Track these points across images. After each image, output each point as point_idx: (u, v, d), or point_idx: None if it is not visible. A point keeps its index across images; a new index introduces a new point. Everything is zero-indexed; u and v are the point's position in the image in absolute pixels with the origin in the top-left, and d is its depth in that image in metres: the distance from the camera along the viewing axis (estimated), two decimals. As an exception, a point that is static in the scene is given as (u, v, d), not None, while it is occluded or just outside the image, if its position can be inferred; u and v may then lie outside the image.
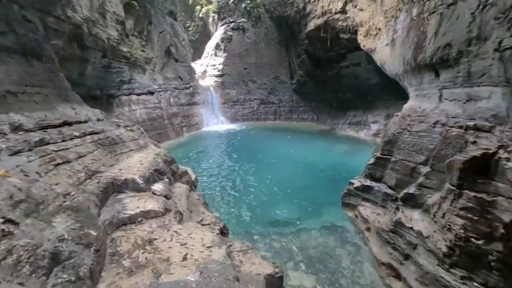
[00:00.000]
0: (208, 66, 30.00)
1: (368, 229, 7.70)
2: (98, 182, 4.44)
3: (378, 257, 6.62)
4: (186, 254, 3.06)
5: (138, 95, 18.90)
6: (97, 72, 14.55)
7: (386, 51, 12.21)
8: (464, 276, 4.82)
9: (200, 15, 38.92)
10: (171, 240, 3.44)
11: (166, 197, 4.83)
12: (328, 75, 25.30)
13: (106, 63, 15.01)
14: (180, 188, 5.85)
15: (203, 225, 4.65)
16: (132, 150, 6.59)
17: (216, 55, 29.79)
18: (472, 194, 4.89)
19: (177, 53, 24.01)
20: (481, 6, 5.63)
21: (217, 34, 30.24)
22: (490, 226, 4.56)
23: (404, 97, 11.00)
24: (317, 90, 27.09)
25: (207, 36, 36.30)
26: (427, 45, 7.68)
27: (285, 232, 8.38)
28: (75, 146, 5.03)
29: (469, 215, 4.84)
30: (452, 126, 6.17)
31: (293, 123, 28.23)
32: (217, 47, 29.64)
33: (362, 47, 16.16)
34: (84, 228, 2.83)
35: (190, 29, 39.64)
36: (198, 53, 33.55)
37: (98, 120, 7.28)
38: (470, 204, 4.85)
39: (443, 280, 5.03)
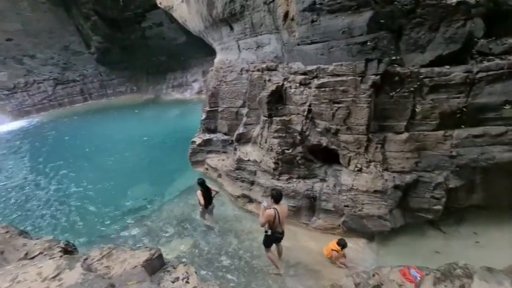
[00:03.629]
0: None
1: (219, 175, 8.68)
2: None
3: (233, 193, 7.76)
4: (21, 305, 2.23)
5: None
6: None
7: (183, 8, 12.33)
8: (287, 178, 6.66)
9: None
10: (-16, 303, 2.35)
11: None
12: (133, 39, 22.81)
13: None
14: (-36, 232, 3.87)
15: (33, 258, 3.46)
16: None
17: None
18: (278, 118, 6.51)
19: None
20: (246, -35, 6.67)
21: None
22: (292, 137, 6.38)
23: (213, 53, 12.03)
24: (126, 56, 24.10)
25: None
26: (217, 1, 8.44)
27: (147, 213, 7.90)
28: None
29: (280, 134, 6.51)
30: (253, 71, 7.57)
31: (110, 100, 24.41)
32: None
33: (159, 5, 15.42)
34: None
35: None
36: None
37: None
38: (279, 127, 6.49)
39: (277, 187, 6.73)
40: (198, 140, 9.60)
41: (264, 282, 5.23)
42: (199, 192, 6.59)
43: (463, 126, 4.93)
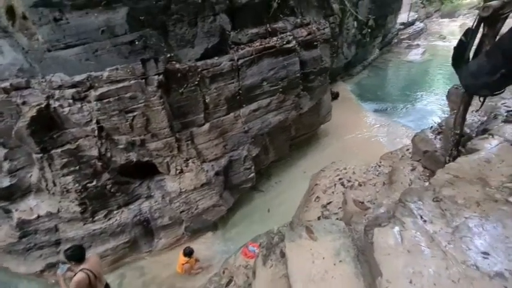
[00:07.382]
0: None
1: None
2: None
3: (32, 271, 5.38)
4: None
5: None
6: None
7: None
8: (105, 214, 5.38)
9: None
10: None
11: None
12: None
13: None
14: None
15: None
16: None
17: None
18: (59, 150, 4.91)
19: None
20: None
21: None
22: (90, 166, 5.08)
23: None
24: None
25: None
26: None
27: None
28: None
29: (72, 169, 4.99)
30: (-9, 94, 5.13)
31: None
32: None
33: None
34: None
35: None
36: None
37: None
38: (65, 159, 4.93)
39: (96, 231, 5.31)
40: None
41: None
42: None
43: (244, 105, 5.87)
